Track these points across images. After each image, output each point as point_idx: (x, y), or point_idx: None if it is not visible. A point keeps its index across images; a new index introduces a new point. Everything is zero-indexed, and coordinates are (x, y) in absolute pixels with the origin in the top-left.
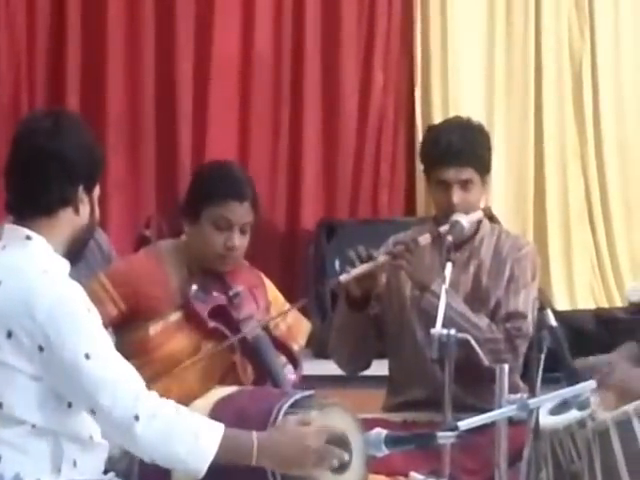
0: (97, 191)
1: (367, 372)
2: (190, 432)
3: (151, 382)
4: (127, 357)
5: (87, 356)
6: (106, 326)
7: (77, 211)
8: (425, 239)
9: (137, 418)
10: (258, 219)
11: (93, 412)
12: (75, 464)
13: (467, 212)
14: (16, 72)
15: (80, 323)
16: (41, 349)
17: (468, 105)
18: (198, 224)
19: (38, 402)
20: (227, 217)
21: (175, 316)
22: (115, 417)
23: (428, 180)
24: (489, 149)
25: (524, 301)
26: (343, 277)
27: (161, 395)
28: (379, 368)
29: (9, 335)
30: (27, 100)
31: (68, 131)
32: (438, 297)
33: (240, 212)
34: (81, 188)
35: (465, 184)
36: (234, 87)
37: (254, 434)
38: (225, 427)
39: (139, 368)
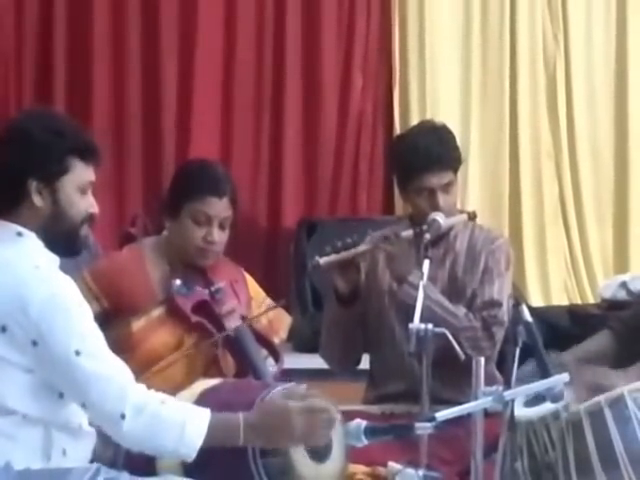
0: (70, 181)
1: None
2: (176, 424)
3: (135, 376)
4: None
5: (77, 353)
6: None
7: (32, 203)
8: (407, 233)
9: (123, 417)
10: (238, 216)
11: (84, 406)
12: (64, 453)
13: (450, 212)
14: (4, 72)
15: (71, 319)
16: (35, 344)
17: (445, 106)
18: (178, 220)
19: (30, 393)
20: (206, 212)
21: (158, 311)
22: (103, 413)
23: (404, 188)
24: (459, 147)
25: (499, 290)
26: (323, 260)
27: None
28: None
29: (3, 330)
30: (15, 100)
31: (19, 131)
32: (415, 288)
33: (219, 207)
34: (34, 182)
35: (446, 187)
36: (217, 89)
37: (240, 415)
38: (211, 412)
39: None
